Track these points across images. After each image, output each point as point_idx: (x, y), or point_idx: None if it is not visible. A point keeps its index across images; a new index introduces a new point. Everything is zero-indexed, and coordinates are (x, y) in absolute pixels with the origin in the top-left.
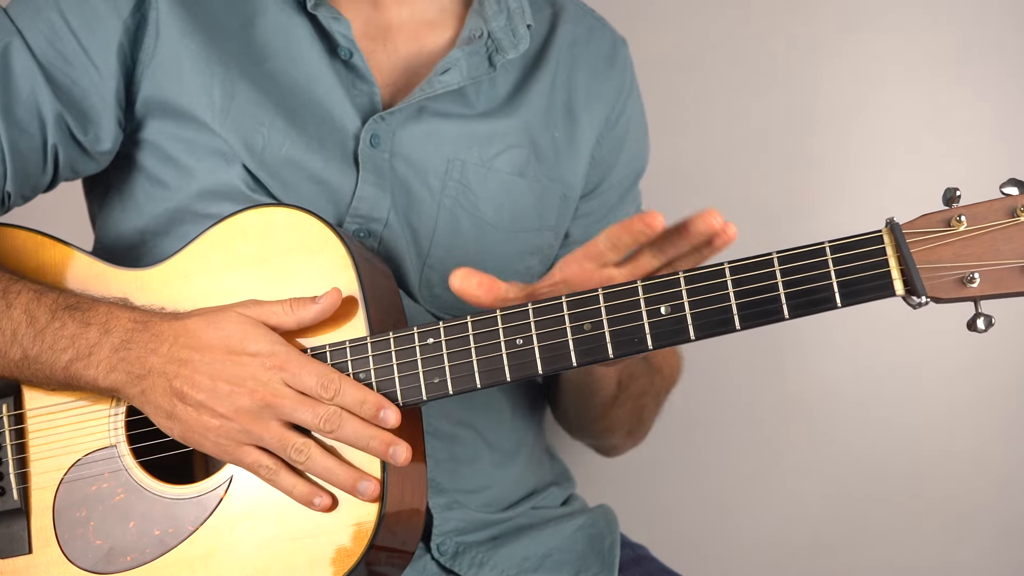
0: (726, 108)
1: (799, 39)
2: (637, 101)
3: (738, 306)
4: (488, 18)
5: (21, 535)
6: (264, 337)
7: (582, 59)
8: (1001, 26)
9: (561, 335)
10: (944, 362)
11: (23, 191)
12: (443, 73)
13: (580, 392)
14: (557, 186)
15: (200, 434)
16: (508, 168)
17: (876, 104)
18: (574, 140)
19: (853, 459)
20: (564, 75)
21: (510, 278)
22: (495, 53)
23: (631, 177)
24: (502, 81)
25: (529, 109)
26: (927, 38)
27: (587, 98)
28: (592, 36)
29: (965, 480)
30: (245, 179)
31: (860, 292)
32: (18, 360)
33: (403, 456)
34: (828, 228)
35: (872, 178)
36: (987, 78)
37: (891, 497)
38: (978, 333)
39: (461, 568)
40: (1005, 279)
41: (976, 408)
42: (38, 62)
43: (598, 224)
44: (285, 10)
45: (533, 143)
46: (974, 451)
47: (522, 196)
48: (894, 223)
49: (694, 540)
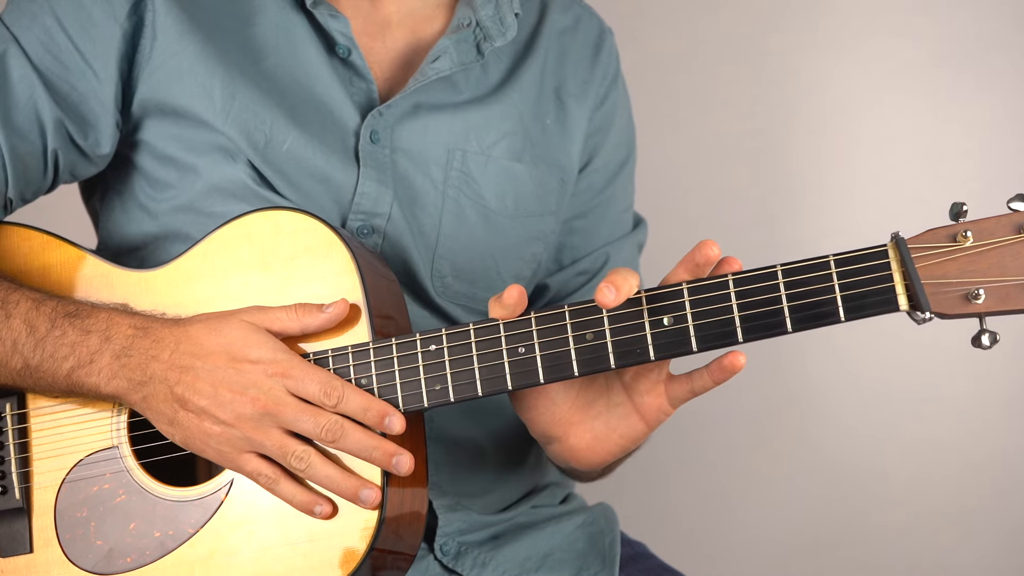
0: (723, 108)
1: (798, 39)
2: (622, 89)
3: (741, 319)
4: (476, 7)
5: (22, 534)
6: (266, 344)
7: (570, 47)
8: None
9: (563, 344)
10: (945, 364)
11: (24, 195)
12: (434, 61)
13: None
14: (554, 170)
15: (201, 440)
16: (506, 155)
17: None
18: (566, 125)
19: (852, 459)
20: (553, 63)
21: (516, 264)
22: (483, 41)
23: (617, 163)
24: (493, 69)
25: (520, 96)
26: (927, 38)
27: (576, 86)
28: (579, 25)
29: (966, 481)
30: (251, 174)
31: (864, 307)
32: (20, 369)
33: (406, 466)
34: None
35: (870, 178)
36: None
37: (890, 497)
38: (983, 350)
39: (464, 568)
40: (1011, 296)
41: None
42: (35, 68)
43: (586, 204)
44: (284, 8)
45: (526, 130)
46: (974, 452)
47: (522, 182)
48: (899, 238)
49: (693, 537)
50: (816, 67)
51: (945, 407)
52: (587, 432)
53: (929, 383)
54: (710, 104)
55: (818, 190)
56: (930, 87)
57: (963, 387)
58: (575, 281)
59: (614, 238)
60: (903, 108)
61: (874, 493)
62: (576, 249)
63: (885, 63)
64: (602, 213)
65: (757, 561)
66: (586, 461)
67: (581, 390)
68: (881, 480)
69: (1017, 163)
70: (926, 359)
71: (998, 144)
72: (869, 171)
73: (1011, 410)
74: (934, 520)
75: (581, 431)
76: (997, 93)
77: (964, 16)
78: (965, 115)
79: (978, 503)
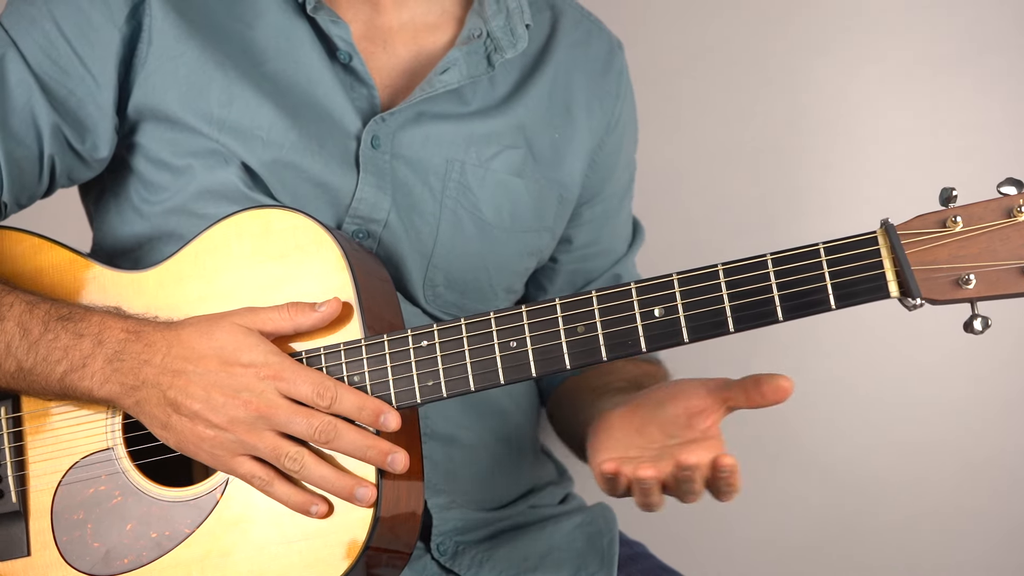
0: (723, 109)
1: (798, 39)
2: (631, 105)
3: (732, 308)
4: (487, 18)
5: (20, 537)
6: (258, 347)
7: (580, 62)
8: (1001, 25)
9: (555, 337)
10: (943, 362)
11: (19, 200)
12: (443, 73)
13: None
14: (554, 187)
15: (195, 444)
16: (505, 169)
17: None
18: (572, 142)
19: (850, 460)
20: (564, 77)
21: (509, 277)
22: (493, 52)
23: (627, 180)
24: (501, 81)
25: (526, 110)
26: (926, 38)
27: (585, 100)
28: (590, 39)
29: (963, 483)
30: (243, 178)
31: (854, 294)
32: (13, 372)
33: (401, 464)
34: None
35: (871, 180)
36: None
37: (889, 497)
38: (975, 335)
39: (461, 568)
40: (1001, 280)
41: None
42: (33, 73)
43: (601, 229)
44: (286, 12)
45: (530, 144)
46: (972, 453)
47: (520, 197)
48: (889, 224)
49: (691, 538)
50: (815, 68)
51: (942, 408)
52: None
53: (926, 384)
54: (710, 105)
55: (818, 190)
56: (930, 88)
57: (961, 388)
58: None
59: (621, 256)
60: (903, 109)
61: (871, 494)
62: (591, 273)
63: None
64: (613, 234)
65: (755, 562)
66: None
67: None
68: (878, 481)
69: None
70: (923, 360)
71: (997, 145)
72: (869, 172)
73: (1009, 411)
74: (931, 521)
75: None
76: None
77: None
78: (964, 116)
79: (975, 504)
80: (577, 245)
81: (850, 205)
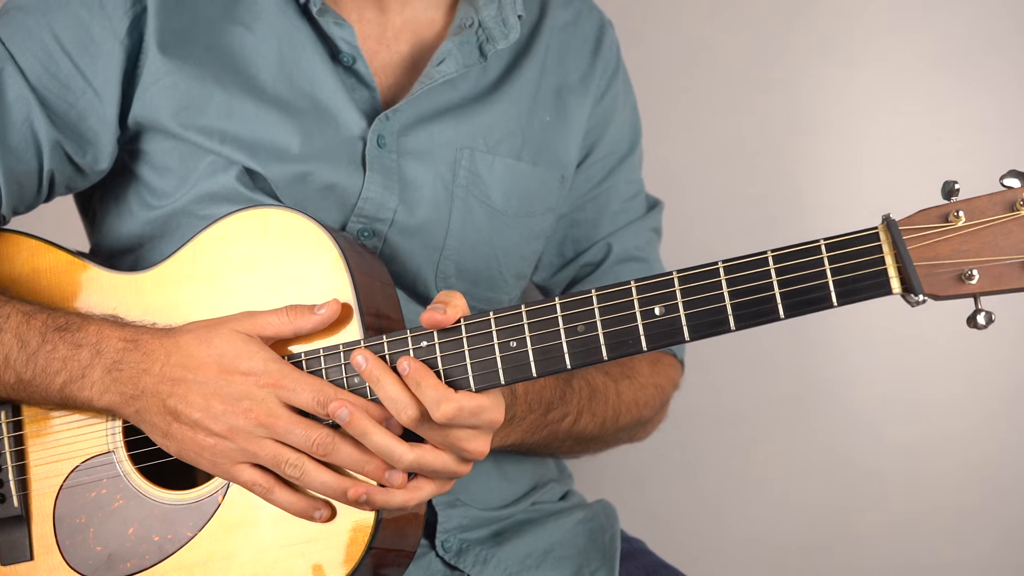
0: (723, 109)
1: (798, 39)
2: (624, 82)
3: (733, 306)
4: (479, 7)
5: (22, 542)
6: (258, 354)
7: (571, 43)
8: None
9: (555, 337)
10: (943, 363)
11: (17, 210)
12: (439, 64)
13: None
14: (554, 167)
15: (195, 452)
16: (510, 153)
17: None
18: (566, 122)
19: (850, 458)
20: (554, 60)
21: (518, 263)
22: (485, 43)
23: (618, 155)
24: (492, 66)
25: (519, 94)
26: (926, 38)
27: (576, 80)
28: (580, 20)
29: (962, 481)
30: (244, 180)
31: (856, 291)
32: (13, 384)
33: (399, 480)
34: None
35: (872, 178)
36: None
37: (889, 496)
38: (978, 329)
39: (466, 565)
40: (1004, 275)
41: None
42: (32, 88)
43: (583, 198)
44: (286, 13)
45: (522, 128)
46: (973, 451)
47: (526, 180)
48: (890, 220)
49: (690, 535)
50: (815, 68)
51: (941, 406)
52: None
53: (925, 383)
54: (710, 105)
55: (817, 190)
56: (929, 88)
57: (959, 386)
58: (580, 273)
59: (616, 228)
60: (903, 109)
61: (870, 492)
62: (578, 242)
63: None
64: (602, 205)
65: (753, 559)
66: None
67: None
68: (876, 479)
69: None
70: (921, 358)
71: (997, 145)
72: (869, 171)
73: (1008, 409)
74: (930, 519)
75: None
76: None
77: (963, 17)
78: (964, 116)
79: (974, 502)
80: (560, 214)
81: (850, 205)
